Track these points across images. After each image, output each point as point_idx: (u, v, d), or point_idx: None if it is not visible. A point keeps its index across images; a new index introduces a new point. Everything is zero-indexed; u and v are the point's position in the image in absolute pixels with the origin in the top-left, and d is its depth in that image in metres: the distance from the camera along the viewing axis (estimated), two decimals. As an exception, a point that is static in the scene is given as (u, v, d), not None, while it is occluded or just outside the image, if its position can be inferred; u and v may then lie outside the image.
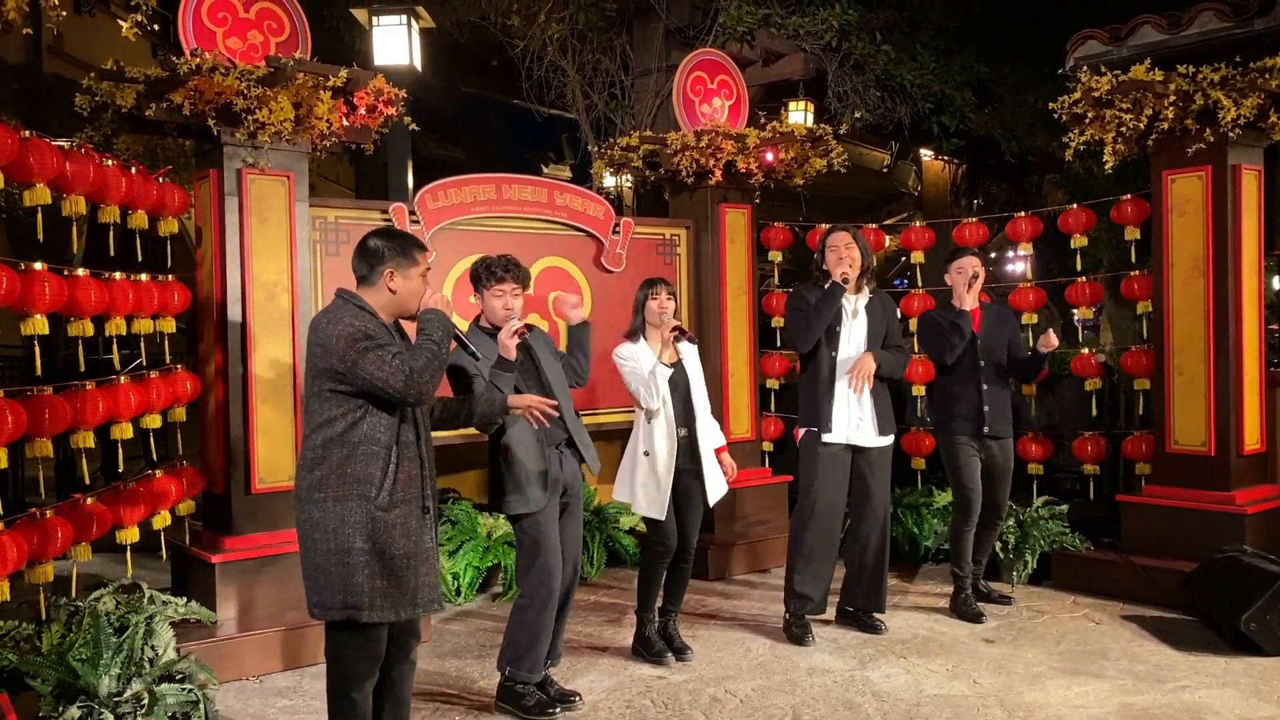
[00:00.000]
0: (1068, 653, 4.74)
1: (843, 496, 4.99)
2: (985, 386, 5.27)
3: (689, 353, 4.64)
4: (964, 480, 5.30)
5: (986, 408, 5.25)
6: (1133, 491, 5.92)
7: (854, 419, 4.92)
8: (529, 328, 3.97)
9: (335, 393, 3.02)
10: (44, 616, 4.09)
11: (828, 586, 5.04)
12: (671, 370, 4.44)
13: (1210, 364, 5.45)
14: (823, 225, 5.14)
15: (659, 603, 4.74)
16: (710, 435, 4.69)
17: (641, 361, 4.48)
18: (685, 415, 4.57)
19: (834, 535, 4.98)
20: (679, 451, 4.50)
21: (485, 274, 4.01)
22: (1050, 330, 5.27)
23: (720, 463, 4.69)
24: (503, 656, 4.09)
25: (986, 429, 5.25)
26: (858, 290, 4.93)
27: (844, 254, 4.88)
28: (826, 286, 4.84)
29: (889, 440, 5.03)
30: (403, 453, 3.08)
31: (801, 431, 5.02)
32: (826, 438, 4.89)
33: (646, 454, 4.47)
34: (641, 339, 4.59)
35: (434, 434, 3.38)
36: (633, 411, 4.70)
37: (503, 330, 3.84)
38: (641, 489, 4.48)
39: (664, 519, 4.48)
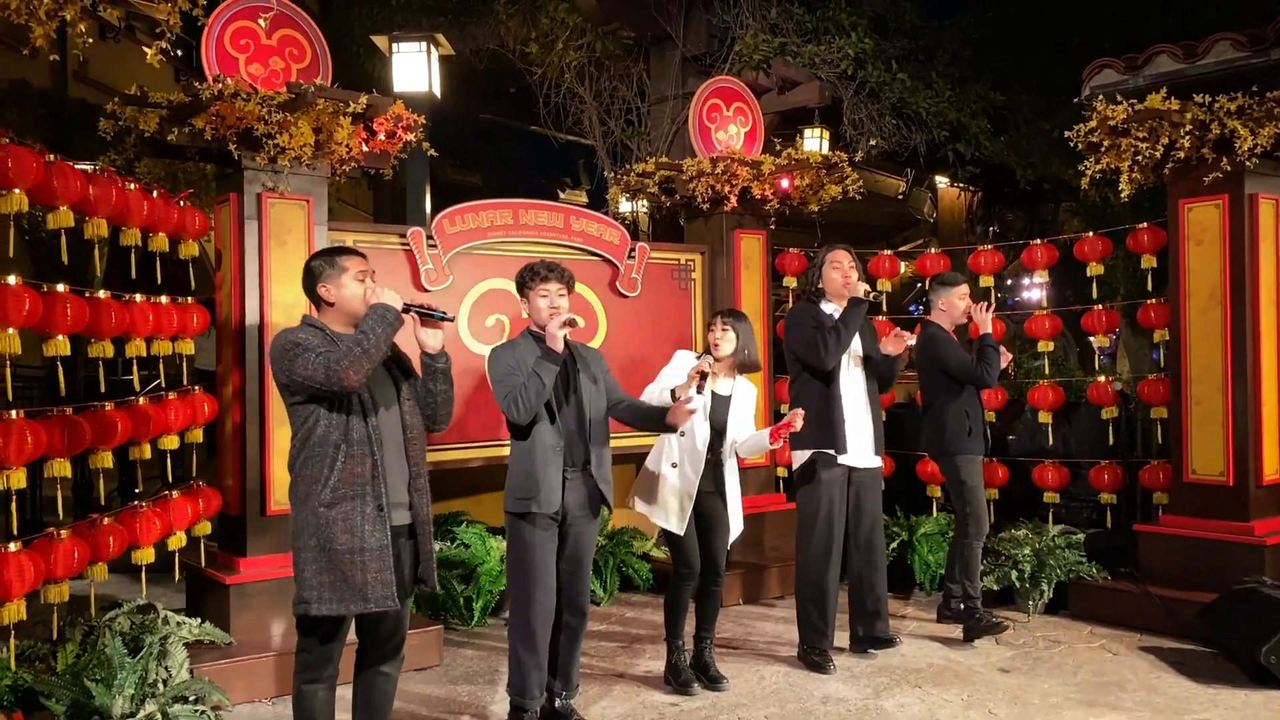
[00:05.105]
0: (1084, 683, 4.69)
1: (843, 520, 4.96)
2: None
3: (739, 387, 4.65)
4: (981, 498, 5.35)
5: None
6: (1150, 521, 5.88)
7: (860, 440, 4.91)
8: (573, 321, 3.96)
9: (292, 405, 3.21)
10: (58, 636, 4.11)
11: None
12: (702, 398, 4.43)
13: (1228, 393, 5.43)
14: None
15: (690, 630, 4.70)
16: (734, 471, 4.65)
17: (672, 370, 4.57)
18: (716, 442, 4.55)
19: (839, 561, 4.94)
20: (704, 472, 4.49)
21: (529, 276, 4.03)
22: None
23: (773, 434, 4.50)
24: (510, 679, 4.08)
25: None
26: None
27: (849, 272, 4.92)
28: (850, 302, 4.86)
29: (880, 461, 5.08)
30: (350, 451, 3.18)
31: (804, 455, 4.92)
32: (842, 459, 4.85)
33: (675, 465, 4.48)
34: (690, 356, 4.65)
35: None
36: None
37: (551, 322, 3.87)
38: (663, 501, 4.48)
39: (684, 536, 4.47)
